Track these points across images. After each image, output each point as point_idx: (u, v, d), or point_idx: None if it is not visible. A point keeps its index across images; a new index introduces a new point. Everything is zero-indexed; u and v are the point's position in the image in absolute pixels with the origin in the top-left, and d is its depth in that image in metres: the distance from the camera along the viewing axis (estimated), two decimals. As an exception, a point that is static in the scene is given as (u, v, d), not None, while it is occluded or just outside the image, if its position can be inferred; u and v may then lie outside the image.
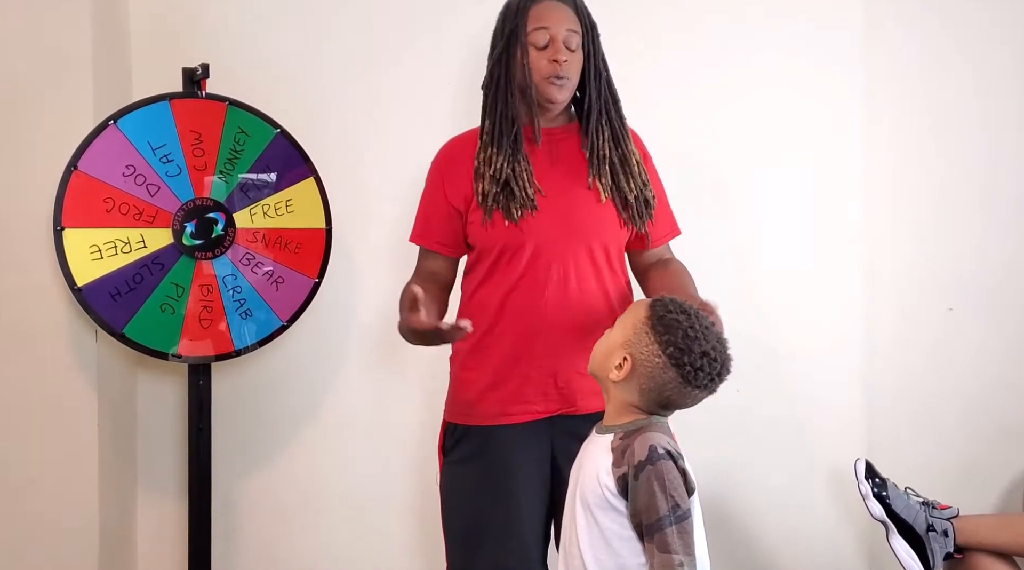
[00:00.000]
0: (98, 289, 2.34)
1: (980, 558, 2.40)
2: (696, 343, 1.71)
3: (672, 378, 1.72)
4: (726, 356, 1.75)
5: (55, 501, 2.45)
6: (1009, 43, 2.86)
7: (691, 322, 1.73)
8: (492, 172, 2.05)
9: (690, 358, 1.70)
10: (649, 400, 1.75)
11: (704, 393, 1.75)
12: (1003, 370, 2.87)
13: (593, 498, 1.75)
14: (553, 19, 2.04)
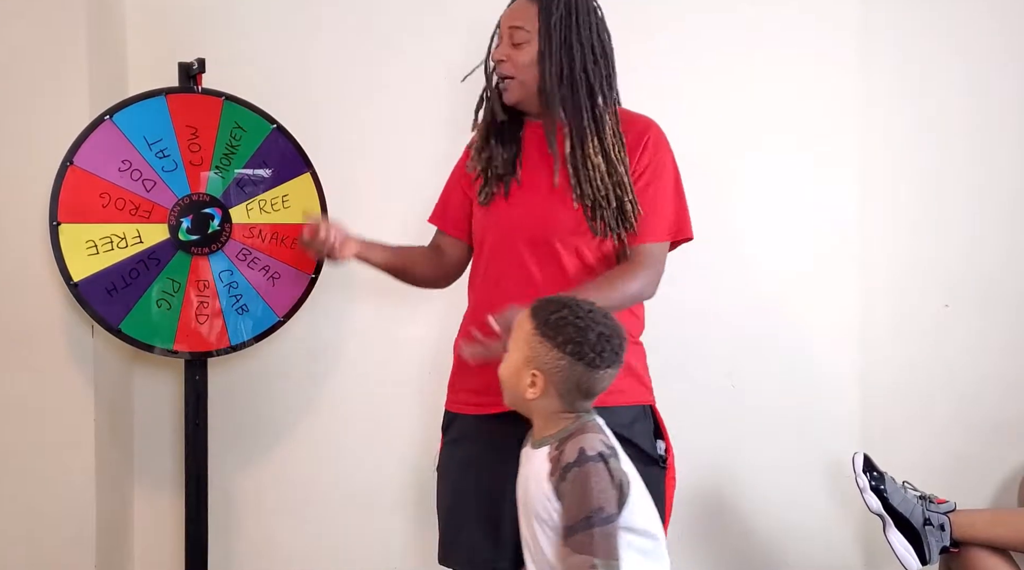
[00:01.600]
0: (94, 284, 2.34)
1: (976, 552, 2.40)
2: (588, 330, 1.74)
3: (581, 371, 1.75)
4: (615, 326, 1.79)
5: (52, 496, 2.45)
6: (1005, 40, 2.87)
7: (574, 313, 1.77)
8: (481, 152, 2.12)
9: (589, 346, 1.74)
10: (570, 399, 1.78)
11: (615, 368, 1.79)
12: (998, 366, 2.88)
13: (544, 513, 1.77)
14: (505, 15, 2.06)
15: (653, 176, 2.06)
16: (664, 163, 2.08)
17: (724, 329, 2.83)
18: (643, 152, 2.06)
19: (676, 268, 2.22)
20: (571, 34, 2.02)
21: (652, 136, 2.08)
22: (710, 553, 2.86)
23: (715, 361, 2.83)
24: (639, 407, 2.06)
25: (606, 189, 2.02)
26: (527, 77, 2.05)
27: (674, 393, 2.22)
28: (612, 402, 2.00)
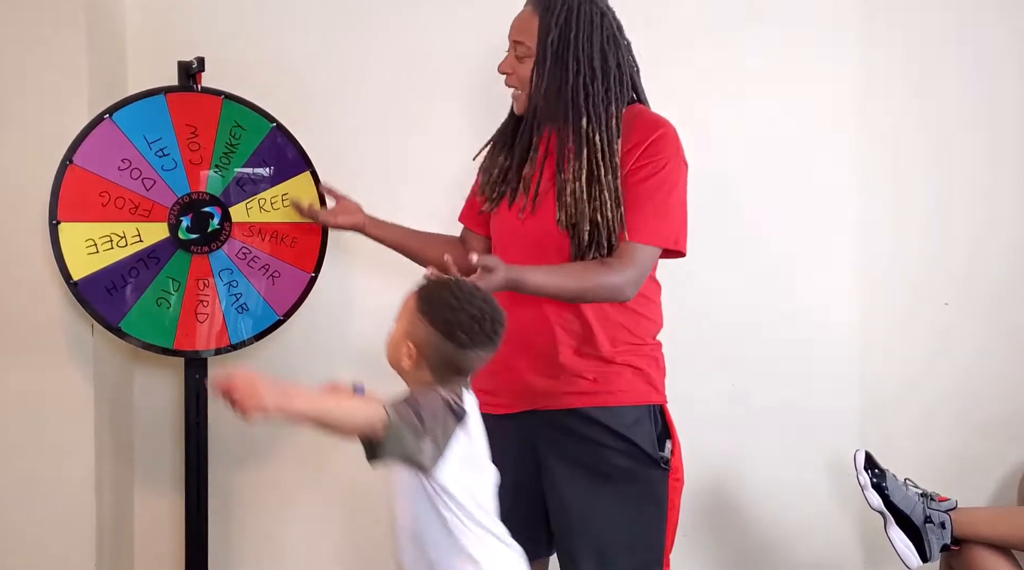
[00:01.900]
0: (94, 283, 2.33)
1: (977, 550, 2.40)
2: (461, 311, 1.80)
3: (451, 348, 1.80)
4: (492, 311, 1.82)
5: (52, 495, 2.44)
6: (1009, 38, 2.87)
7: (452, 292, 1.83)
8: (490, 158, 2.15)
9: (459, 326, 1.79)
10: (441, 374, 1.83)
11: (486, 350, 1.82)
12: (998, 364, 2.89)
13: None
14: (511, 28, 2.07)
15: (648, 174, 2.01)
16: (664, 165, 2.02)
17: (724, 328, 2.83)
18: (644, 151, 2.02)
19: (677, 267, 2.22)
20: (567, 52, 1.99)
21: (657, 137, 2.03)
22: (712, 551, 2.86)
23: (715, 360, 2.83)
24: (643, 407, 2.06)
25: (580, 216, 1.98)
26: (530, 90, 2.06)
27: (674, 393, 2.22)
28: (614, 402, 2.04)
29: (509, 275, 1.90)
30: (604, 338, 2.05)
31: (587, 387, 2.04)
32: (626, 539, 2.04)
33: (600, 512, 2.03)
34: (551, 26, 1.99)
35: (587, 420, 2.03)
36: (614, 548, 2.04)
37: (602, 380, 2.04)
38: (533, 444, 2.08)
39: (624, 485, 2.02)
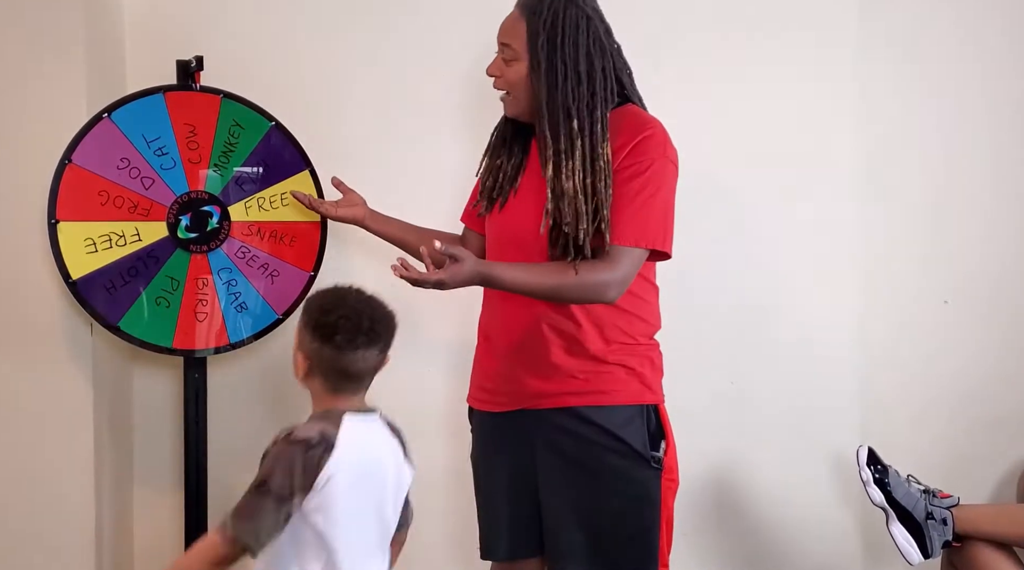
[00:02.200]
0: (93, 282, 2.33)
1: (979, 547, 2.40)
2: (331, 312, 1.84)
3: (330, 352, 1.84)
4: (370, 310, 1.86)
5: (51, 495, 2.44)
6: (1008, 38, 2.87)
7: (326, 296, 1.89)
8: (488, 160, 2.17)
9: (332, 327, 1.83)
10: (330, 381, 1.86)
11: (367, 350, 1.85)
12: (998, 362, 2.88)
13: None
14: (499, 31, 2.07)
15: (632, 175, 1.99)
16: (648, 166, 2.00)
17: (724, 328, 2.83)
18: (630, 152, 2.00)
19: (676, 266, 2.22)
20: (555, 55, 1.99)
21: (644, 138, 2.01)
22: (712, 549, 2.86)
23: (716, 360, 2.83)
24: (635, 407, 2.05)
25: (560, 220, 1.98)
26: (520, 93, 2.05)
27: (675, 392, 2.22)
28: (607, 401, 2.04)
29: (478, 268, 1.91)
30: (596, 338, 2.05)
31: (580, 387, 2.05)
32: (618, 538, 2.04)
33: (592, 510, 2.04)
34: (538, 30, 1.99)
35: (580, 419, 2.04)
36: (605, 546, 2.04)
37: (595, 380, 2.05)
38: (529, 442, 2.09)
39: (616, 484, 2.03)
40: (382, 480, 1.88)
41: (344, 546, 1.82)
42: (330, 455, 1.79)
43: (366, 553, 1.87)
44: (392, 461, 1.91)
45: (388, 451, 1.91)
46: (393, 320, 1.92)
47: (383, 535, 1.90)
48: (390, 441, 1.93)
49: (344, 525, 1.82)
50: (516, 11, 2.05)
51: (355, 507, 1.83)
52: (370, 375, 1.91)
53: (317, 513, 1.79)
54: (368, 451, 1.85)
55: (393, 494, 1.91)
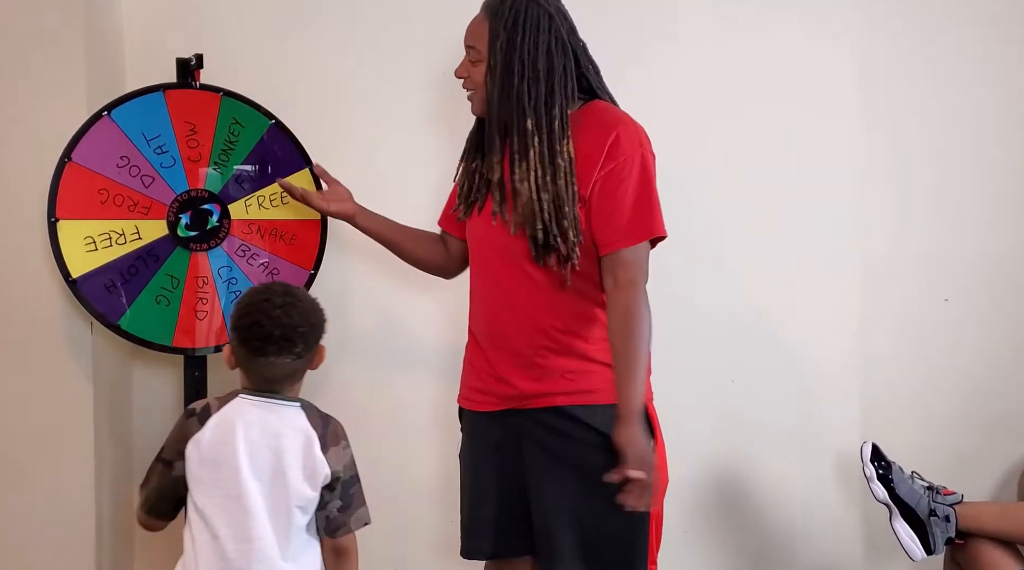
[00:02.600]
0: (93, 281, 2.33)
1: (982, 544, 2.39)
2: (245, 316, 1.92)
3: (243, 354, 1.93)
4: (283, 317, 1.91)
5: (51, 493, 2.44)
6: (1009, 35, 2.86)
7: (251, 295, 1.98)
8: (463, 165, 2.17)
9: (245, 332, 1.91)
10: (252, 379, 1.95)
11: (277, 357, 1.92)
12: (999, 360, 2.88)
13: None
14: (465, 33, 2.10)
15: (613, 185, 2.00)
16: (630, 164, 2.01)
17: (724, 325, 2.82)
18: (606, 160, 2.00)
19: (676, 265, 2.22)
20: (513, 55, 2.01)
21: (615, 139, 2.01)
22: (713, 547, 2.85)
23: (716, 357, 2.82)
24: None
25: (529, 218, 2.00)
26: (483, 94, 2.08)
27: (675, 390, 2.22)
28: (594, 400, 2.05)
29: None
30: (583, 337, 2.07)
31: (567, 386, 2.06)
32: (606, 535, 2.04)
33: (580, 508, 2.04)
34: (499, 31, 2.02)
35: (567, 417, 2.05)
36: (595, 544, 2.04)
37: (582, 379, 2.06)
38: (517, 441, 2.10)
39: (603, 482, 2.00)
40: (234, 467, 1.88)
41: (221, 524, 1.88)
42: (200, 428, 1.90)
43: (243, 538, 1.88)
44: (267, 451, 1.90)
45: (265, 440, 1.90)
46: (315, 328, 1.96)
47: (258, 526, 1.88)
48: (287, 432, 1.92)
49: (209, 501, 1.88)
50: (481, 13, 2.09)
51: (210, 485, 1.89)
52: (290, 377, 1.96)
53: (190, 482, 1.89)
54: (229, 434, 1.89)
55: (261, 485, 1.89)
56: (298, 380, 2.00)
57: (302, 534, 1.95)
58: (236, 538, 1.88)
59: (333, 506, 1.96)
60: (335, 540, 1.99)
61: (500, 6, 2.03)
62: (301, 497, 1.92)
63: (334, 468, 1.95)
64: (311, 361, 2.00)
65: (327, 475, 1.93)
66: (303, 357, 1.95)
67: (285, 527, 1.91)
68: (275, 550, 1.89)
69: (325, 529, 1.98)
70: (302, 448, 1.92)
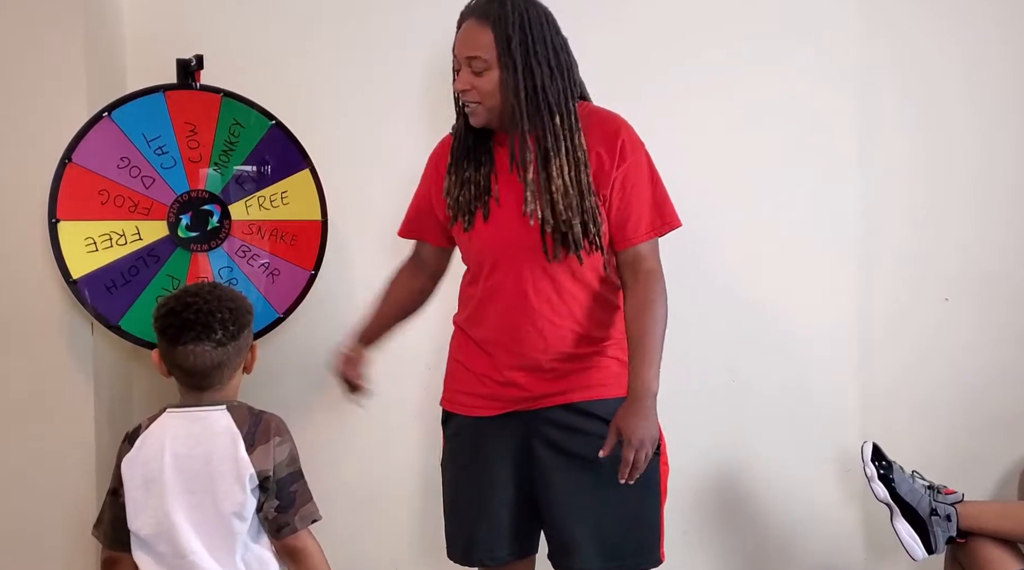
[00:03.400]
0: (93, 281, 2.34)
1: (983, 543, 2.39)
2: (161, 307, 1.92)
3: (163, 345, 1.91)
4: (199, 304, 1.90)
5: (52, 494, 2.44)
6: (1003, 38, 2.86)
7: (174, 293, 1.98)
8: (454, 176, 2.13)
9: (161, 321, 1.90)
10: (176, 376, 1.94)
11: (195, 344, 1.89)
12: (998, 360, 2.87)
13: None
14: (459, 46, 2.06)
15: (631, 182, 2.06)
16: (640, 162, 2.07)
17: (724, 324, 2.82)
18: (620, 160, 2.05)
19: (676, 262, 2.22)
20: (529, 56, 2.02)
21: (624, 139, 2.06)
22: (712, 546, 2.85)
23: (715, 356, 2.82)
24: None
25: (568, 212, 2.02)
26: (493, 102, 2.05)
27: (675, 388, 2.22)
28: (603, 394, 2.07)
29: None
30: (597, 337, 2.09)
31: (578, 382, 2.07)
32: (624, 524, 2.08)
33: (597, 500, 2.06)
34: (510, 34, 2.01)
35: (577, 412, 2.07)
36: (613, 534, 2.07)
37: (592, 374, 2.08)
38: (526, 442, 2.10)
39: (619, 473, 2.03)
40: (161, 483, 1.86)
41: (159, 543, 1.86)
42: (130, 448, 1.89)
43: (177, 554, 1.86)
44: (194, 462, 1.87)
45: (190, 450, 1.88)
46: (236, 314, 1.91)
47: (188, 541, 1.86)
48: (212, 438, 1.89)
49: (144, 521, 1.86)
50: (475, 23, 2.04)
51: (144, 504, 1.87)
52: (216, 372, 1.91)
53: (127, 506, 1.88)
54: (157, 451, 1.88)
55: (193, 497, 1.87)
56: (228, 378, 1.94)
57: (247, 541, 1.90)
58: (173, 554, 1.86)
59: (269, 507, 1.90)
60: (283, 541, 1.93)
61: (502, 11, 2.03)
62: (234, 502, 1.87)
63: (260, 467, 1.88)
64: (239, 357, 1.94)
65: (252, 475, 1.87)
66: (224, 346, 1.89)
67: (224, 537, 1.87)
68: (211, 563, 1.85)
69: (268, 531, 1.93)
70: (228, 451, 1.88)
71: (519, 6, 2.03)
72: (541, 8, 2.07)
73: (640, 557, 2.10)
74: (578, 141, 2.03)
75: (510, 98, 2.01)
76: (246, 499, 1.87)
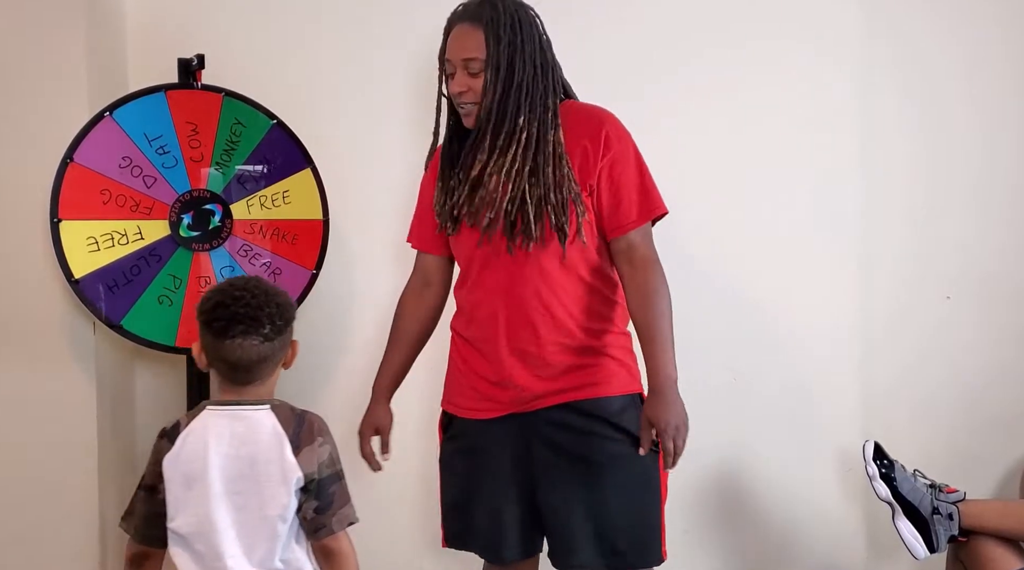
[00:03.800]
0: (95, 281, 2.34)
1: (984, 542, 2.39)
2: (210, 299, 1.87)
3: (210, 340, 1.86)
4: (248, 297, 1.86)
5: (55, 494, 2.44)
6: (1003, 38, 2.86)
7: (218, 285, 1.94)
8: (441, 183, 2.15)
9: (208, 314, 1.85)
10: (218, 370, 1.90)
11: (244, 338, 1.84)
12: (999, 359, 2.87)
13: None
14: (454, 49, 2.09)
15: (618, 171, 2.09)
16: (626, 151, 2.10)
17: (725, 323, 2.82)
18: (605, 150, 2.08)
19: (677, 260, 2.22)
20: (515, 56, 2.05)
21: (608, 131, 2.09)
22: (713, 545, 2.85)
23: (716, 355, 2.82)
24: (628, 396, 2.10)
25: (511, 203, 2.04)
26: (489, 99, 2.08)
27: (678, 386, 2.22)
28: (601, 392, 2.08)
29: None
30: (593, 332, 2.10)
31: (575, 381, 2.08)
32: (627, 523, 2.08)
33: (599, 500, 2.06)
34: (500, 35, 2.04)
35: (577, 412, 2.07)
36: (615, 533, 2.07)
37: (589, 373, 2.09)
38: (526, 443, 2.10)
39: (621, 471, 2.06)
40: (205, 484, 1.84)
41: (197, 542, 1.85)
42: (170, 446, 1.86)
43: (215, 556, 1.84)
44: (240, 463, 1.85)
45: (236, 451, 1.85)
46: (282, 309, 1.89)
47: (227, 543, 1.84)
48: (257, 438, 1.87)
49: (184, 520, 1.85)
50: (468, 26, 2.07)
51: (184, 503, 1.85)
52: (260, 366, 1.88)
53: (169, 504, 1.86)
54: (201, 450, 1.85)
55: (238, 497, 1.85)
56: (269, 375, 1.92)
57: (289, 542, 1.89)
58: (211, 556, 1.84)
59: (309, 507, 1.89)
60: (319, 542, 1.92)
61: (494, 13, 2.06)
62: (279, 505, 1.86)
63: (307, 471, 1.87)
64: (282, 353, 1.93)
65: (299, 478, 1.86)
66: (271, 341, 1.87)
67: (267, 539, 1.86)
68: (246, 566, 1.85)
69: (306, 532, 1.92)
70: (275, 453, 1.86)
71: (509, 8, 2.07)
72: (529, 10, 2.11)
73: (641, 556, 2.11)
74: (550, 136, 2.06)
75: (485, 97, 2.05)
76: (290, 502, 1.86)
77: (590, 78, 2.24)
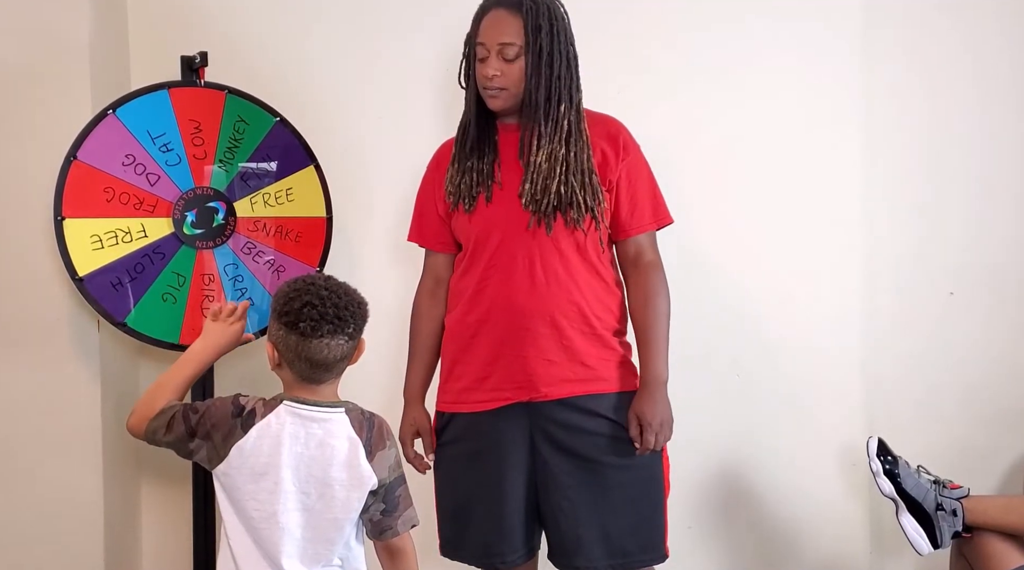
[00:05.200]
0: (99, 279, 2.34)
1: (988, 538, 2.39)
2: (296, 300, 1.86)
3: (295, 340, 1.86)
4: (333, 298, 1.88)
5: (59, 491, 2.44)
6: (1005, 38, 2.86)
7: (294, 284, 1.91)
8: (457, 165, 2.19)
9: (295, 315, 1.85)
10: (296, 369, 1.89)
11: (332, 338, 1.87)
12: (1004, 354, 2.87)
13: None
14: (489, 34, 2.11)
15: (635, 176, 2.17)
16: (640, 160, 2.19)
17: (729, 320, 2.82)
18: (624, 154, 2.16)
19: (680, 258, 2.23)
20: (553, 46, 2.10)
21: (624, 137, 2.18)
22: (717, 541, 2.85)
23: (722, 353, 2.82)
24: (628, 393, 2.13)
25: (570, 189, 2.09)
26: (519, 89, 2.12)
27: (681, 383, 2.22)
28: (598, 389, 2.11)
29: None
30: (602, 320, 2.14)
31: (579, 372, 2.10)
32: (631, 520, 2.10)
33: (602, 499, 2.08)
34: (540, 23, 2.09)
35: (579, 410, 2.09)
36: (618, 531, 2.09)
37: (590, 367, 2.12)
38: (528, 439, 2.12)
39: (623, 470, 2.09)
40: (275, 481, 1.86)
41: (258, 534, 1.85)
42: (243, 435, 1.87)
43: (273, 554, 1.86)
44: (313, 465, 1.87)
45: (311, 453, 1.87)
46: (362, 308, 1.93)
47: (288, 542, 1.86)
48: (332, 443, 1.88)
49: (246, 510, 1.86)
50: (505, 12, 2.11)
51: (249, 496, 1.86)
52: (339, 364, 1.90)
53: (228, 490, 1.87)
54: (275, 447, 1.86)
55: (308, 498, 1.87)
56: (342, 371, 1.95)
57: (350, 542, 1.93)
58: (270, 552, 1.87)
59: (376, 510, 1.92)
60: (384, 542, 1.96)
61: (532, 3, 2.10)
62: (348, 508, 1.89)
63: (381, 476, 1.91)
64: (354, 351, 1.95)
65: (375, 484, 1.90)
66: (354, 340, 1.91)
67: (331, 541, 1.88)
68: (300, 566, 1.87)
69: (370, 532, 1.95)
70: (348, 458, 1.89)
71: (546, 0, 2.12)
72: (561, 5, 2.15)
73: (645, 553, 2.12)
74: (583, 127, 2.13)
75: (530, 84, 2.08)
76: (360, 506, 1.90)
77: (590, 78, 2.24)
